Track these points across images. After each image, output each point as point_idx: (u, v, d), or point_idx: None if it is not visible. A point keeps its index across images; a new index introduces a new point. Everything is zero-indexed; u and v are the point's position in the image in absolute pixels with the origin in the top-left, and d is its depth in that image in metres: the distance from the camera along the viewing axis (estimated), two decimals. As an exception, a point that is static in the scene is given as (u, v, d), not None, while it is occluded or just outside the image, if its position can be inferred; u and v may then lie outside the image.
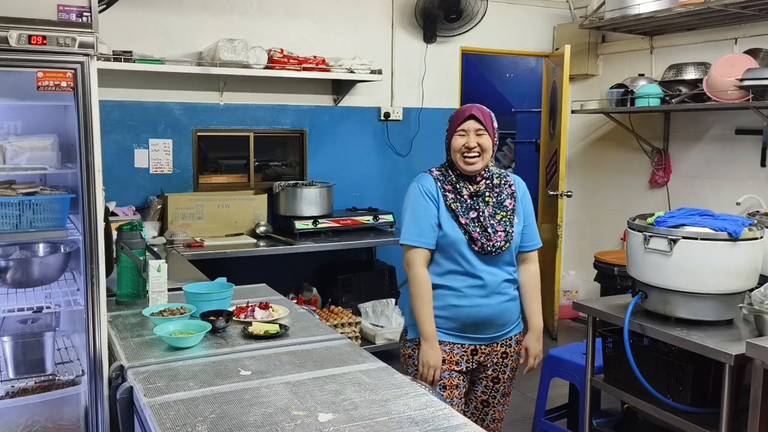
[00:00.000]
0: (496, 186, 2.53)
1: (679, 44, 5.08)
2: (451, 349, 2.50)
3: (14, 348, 2.26)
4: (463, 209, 2.46)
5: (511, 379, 2.61)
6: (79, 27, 2.01)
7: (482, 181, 2.51)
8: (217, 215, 4.56)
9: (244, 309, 2.54)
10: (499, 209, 2.49)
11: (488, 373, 2.57)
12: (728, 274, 2.49)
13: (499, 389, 2.59)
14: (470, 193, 2.49)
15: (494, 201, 2.50)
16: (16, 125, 2.47)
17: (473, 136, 2.44)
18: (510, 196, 2.53)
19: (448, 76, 5.60)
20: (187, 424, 1.65)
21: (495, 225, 2.46)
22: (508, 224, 2.48)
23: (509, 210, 2.51)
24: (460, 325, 2.47)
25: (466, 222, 2.44)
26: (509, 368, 2.58)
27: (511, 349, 2.56)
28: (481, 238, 2.42)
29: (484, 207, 2.48)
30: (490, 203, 2.49)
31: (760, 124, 4.46)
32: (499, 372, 2.57)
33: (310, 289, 4.92)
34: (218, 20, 4.70)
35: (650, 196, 5.40)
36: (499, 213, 2.49)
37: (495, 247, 2.44)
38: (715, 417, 2.44)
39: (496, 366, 2.56)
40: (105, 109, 4.09)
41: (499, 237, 2.44)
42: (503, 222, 2.48)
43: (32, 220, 2.28)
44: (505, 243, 2.45)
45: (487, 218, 2.46)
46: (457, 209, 2.45)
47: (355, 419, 1.70)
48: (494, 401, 2.60)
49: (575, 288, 6.04)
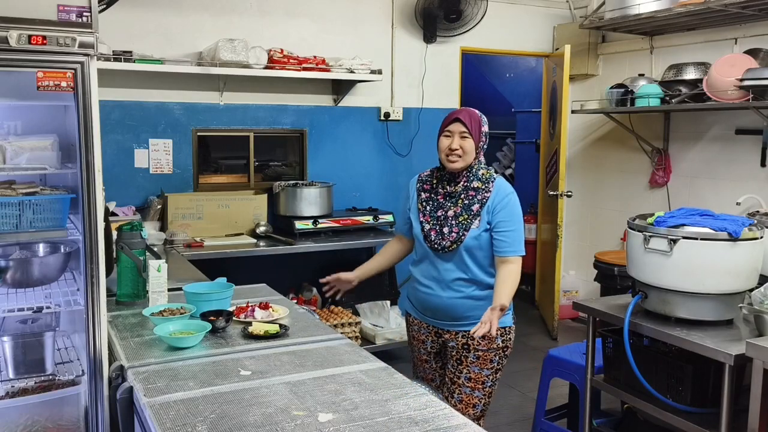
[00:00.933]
0: (473, 189, 2.62)
1: (679, 44, 5.08)
2: (419, 328, 2.79)
3: (14, 348, 2.26)
4: (430, 208, 2.67)
5: (479, 367, 2.63)
6: (79, 27, 2.01)
7: (462, 182, 2.63)
8: (217, 215, 4.56)
9: (244, 309, 2.54)
10: (465, 212, 2.61)
11: (453, 354, 2.70)
12: (728, 274, 2.49)
13: (462, 371, 2.65)
14: (446, 193, 2.66)
15: (466, 203, 2.61)
16: (16, 125, 2.47)
17: (457, 138, 2.59)
18: (479, 201, 2.60)
19: (448, 76, 5.60)
20: (187, 424, 1.65)
21: (453, 225, 2.60)
22: (463, 227, 2.59)
23: (473, 214, 2.59)
24: (421, 308, 2.75)
25: (425, 219, 2.66)
26: (472, 355, 2.64)
27: (475, 342, 2.62)
28: (435, 236, 2.62)
29: (453, 207, 2.63)
30: (459, 205, 2.62)
31: (760, 124, 4.46)
32: (461, 355, 2.66)
33: (310, 289, 4.92)
34: (218, 20, 4.70)
35: (650, 196, 5.40)
36: (463, 215, 2.60)
37: (442, 246, 2.60)
38: (715, 417, 2.44)
39: (459, 350, 2.67)
40: (105, 109, 4.10)
41: (450, 237, 2.59)
42: (461, 224, 2.59)
43: (32, 220, 2.28)
44: (452, 244, 2.58)
45: (450, 218, 2.61)
46: (423, 208, 2.69)
47: (355, 419, 1.70)
48: (459, 381, 2.66)
49: (575, 288, 6.04)
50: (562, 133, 5.43)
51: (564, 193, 5.49)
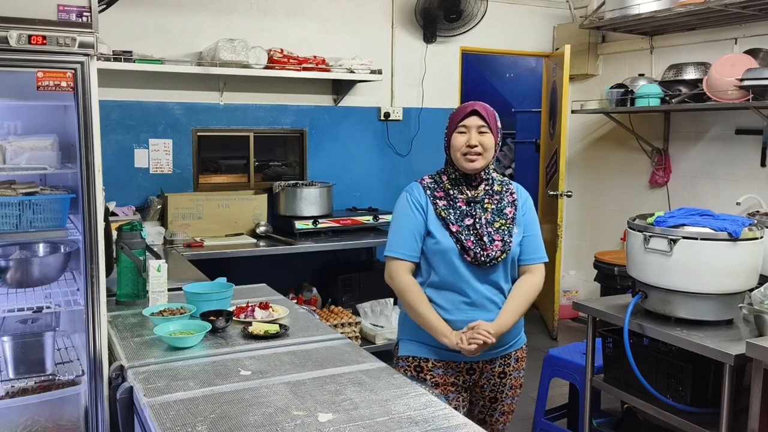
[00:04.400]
0: (497, 192, 2.36)
1: (679, 44, 5.08)
2: (445, 371, 2.34)
3: (14, 348, 2.26)
4: (456, 216, 2.30)
5: (512, 397, 2.45)
6: (79, 27, 2.01)
7: (482, 184, 2.35)
8: (217, 215, 4.56)
9: (244, 309, 2.54)
10: (499, 217, 2.32)
11: (485, 394, 2.42)
12: (728, 274, 2.49)
13: (497, 408, 2.45)
14: (466, 199, 2.33)
15: (493, 208, 2.33)
16: (16, 125, 2.47)
17: (475, 133, 2.27)
18: (511, 204, 2.36)
19: (448, 76, 5.60)
20: (187, 424, 1.65)
21: (492, 233, 2.29)
22: (506, 233, 2.31)
23: (509, 218, 2.33)
24: None
25: (457, 230, 2.28)
26: (508, 387, 2.42)
27: (510, 368, 2.41)
28: (474, 247, 2.26)
29: (482, 213, 2.31)
30: (488, 210, 2.32)
31: (760, 124, 4.46)
32: (497, 392, 2.42)
33: (310, 289, 4.92)
34: (218, 20, 4.70)
35: (650, 196, 5.40)
36: (498, 221, 2.31)
37: (489, 258, 2.26)
38: (715, 417, 2.44)
39: (494, 387, 2.41)
40: (105, 109, 4.09)
41: (495, 246, 2.27)
42: (501, 231, 2.30)
43: (32, 220, 2.28)
44: (501, 253, 2.28)
45: (485, 225, 2.29)
46: (448, 217, 2.30)
47: (355, 419, 1.69)
48: (492, 419, 2.46)
49: (575, 288, 6.04)
50: (562, 133, 5.43)
51: (564, 193, 5.49)
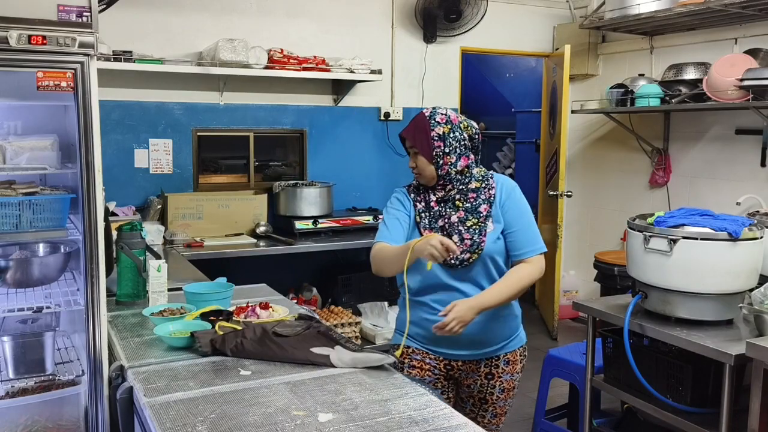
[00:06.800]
0: (473, 190, 2.29)
1: (679, 44, 5.08)
2: (422, 358, 2.35)
3: (14, 348, 2.26)
4: (429, 219, 2.30)
5: (504, 400, 2.41)
6: (79, 27, 2.01)
7: (448, 186, 2.30)
8: (217, 215, 4.56)
9: (244, 309, 2.54)
10: (472, 215, 2.26)
11: (474, 393, 2.41)
12: (728, 274, 2.49)
13: (488, 409, 2.42)
14: (438, 198, 2.31)
15: (468, 206, 2.28)
16: (16, 125, 2.47)
17: (412, 155, 2.33)
18: (486, 201, 2.28)
19: (448, 76, 5.60)
20: (187, 424, 1.65)
21: (463, 233, 2.25)
22: (477, 232, 2.24)
23: (482, 216, 2.26)
24: (433, 336, 2.27)
25: (428, 233, 2.25)
26: (498, 389, 2.38)
27: (499, 370, 2.37)
28: None
29: (453, 212, 2.28)
30: (461, 208, 2.28)
31: (760, 124, 4.46)
32: (486, 393, 2.39)
33: (310, 289, 4.92)
34: (218, 20, 4.70)
35: (650, 196, 5.40)
36: (470, 219, 2.26)
37: (458, 260, 2.23)
38: (715, 417, 2.43)
39: (482, 387, 2.38)
40: (105, 109, 4.09)
41: (465, 246, 2.23)
42: (472, 230, 2.25)
43: (32, 220, 2.28)
44: (470, 255, 2.23)
45: (455, 225, 2.25)
46: (421, 221, 2.31)
47: (355, 419, 1.69)
48: (483, 420, 2.42)
49: (575, 288, 6.04)
50: (562, 133, 5.43)
51: (564, 193, 5.49)
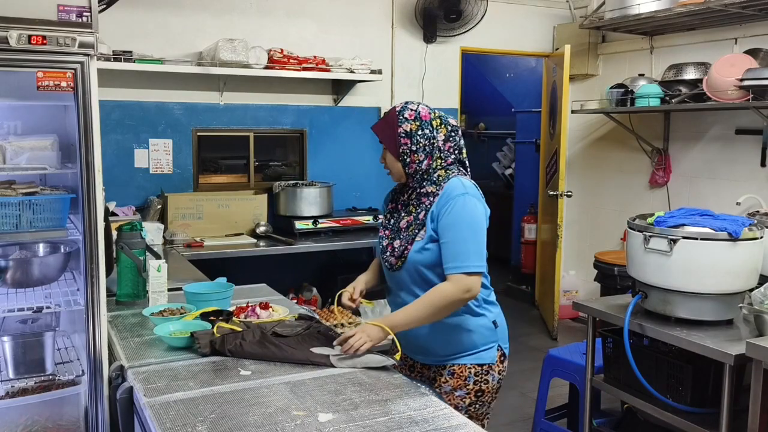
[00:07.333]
0: (426, 194, 2.20)
1: (679, 44, 5.08)
2: None
3: (14, 348, 2.26)
4: (393, 221, 2.29)
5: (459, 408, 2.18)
6: (79, 27, 2.01)
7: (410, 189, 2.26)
8: (217, 215, 4.56)
9: (244, 309, 2.54)
10: (415, 221, 2.20)
11: None
12: (728, 274, 2.49)
13: None
14: (402, 201, 2.30)
15: (414, 212, 2.22)
16: (16, 125, 2.47)
17: (383, 151, 2.30)
18: (425, 208, 2.18)
19: (448, 76, 5.60)
20: (187, 424, 1.65)
21: (403, 239, 2.21)
22: (407, 240, 2.19)
23: (418, 224, 2.18)
24: None
25: (384, 234, 2.29)
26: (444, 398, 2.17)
27: (443, 379, 2.22)
28: (384, 252, 2.27)
29: (404, 218, 2.24)
30: (412, 213, 2.22)
31: (760, 124, 4.46)
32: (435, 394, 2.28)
33: (310, 289, 4.92)
34: (218, 20, 4.70)
35: (650, 196, 5.40)
36: (412, 226, 2.21)
37: (389, 263, 2.24)
38: (715, 417, 2.44)
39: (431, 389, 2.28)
40: (105, 109, 4.09)
41: (396, 253, 2.21)
42: (406, 236, 2.20)
43: (32, 220, 2.28)
44: (396, 260, 2.20)
45: (402, 230, 2.23)
46: (386, 221, 2.32)
47: (355, 419, 1.70)
48: None
49: (575, 288, 6.04)
50: (562, 133, 5.43)
51: (564, 193, 5.49)
